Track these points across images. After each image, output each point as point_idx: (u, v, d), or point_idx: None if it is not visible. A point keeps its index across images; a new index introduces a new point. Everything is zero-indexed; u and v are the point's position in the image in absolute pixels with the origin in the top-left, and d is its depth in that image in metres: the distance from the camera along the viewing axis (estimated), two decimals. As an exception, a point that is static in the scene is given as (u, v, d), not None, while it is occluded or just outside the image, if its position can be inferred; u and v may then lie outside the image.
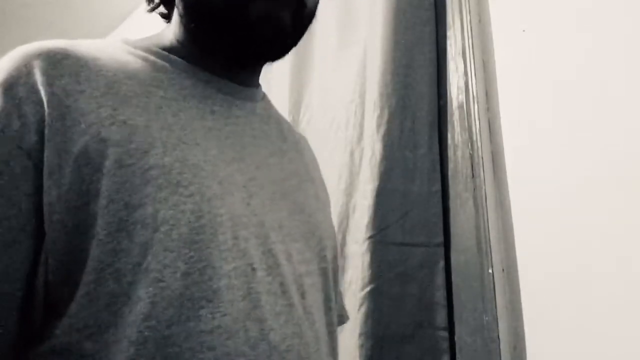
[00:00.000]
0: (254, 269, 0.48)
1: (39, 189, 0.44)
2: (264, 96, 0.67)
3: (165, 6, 0.63)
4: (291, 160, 0.63)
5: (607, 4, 0.83)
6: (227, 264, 0.46)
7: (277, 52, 0.59)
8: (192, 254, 0.45)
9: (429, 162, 1.01)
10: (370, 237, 1.01)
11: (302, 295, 0.53)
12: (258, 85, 0.65)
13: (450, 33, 1.04)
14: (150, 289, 0.43)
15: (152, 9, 0.64)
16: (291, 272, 0.52)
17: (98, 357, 0.42)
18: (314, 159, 0.73)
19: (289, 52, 0.60)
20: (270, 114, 0.65)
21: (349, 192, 1.12)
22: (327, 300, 0.58)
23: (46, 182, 0.44)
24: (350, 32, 1.25)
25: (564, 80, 0.86)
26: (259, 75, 0.65)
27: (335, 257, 0.63)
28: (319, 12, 0.64)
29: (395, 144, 1.04)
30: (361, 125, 1.13)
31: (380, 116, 1.06)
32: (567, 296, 0.79)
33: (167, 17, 0.63)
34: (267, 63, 0.63)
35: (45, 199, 0.44)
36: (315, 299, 0.55)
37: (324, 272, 0.59)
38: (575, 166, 0.81)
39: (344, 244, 1.10)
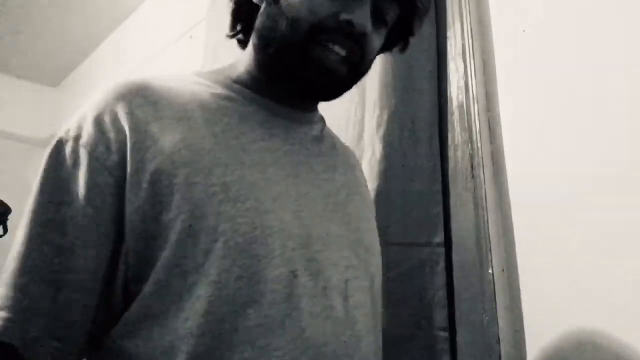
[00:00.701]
0: (296, 275, 0.54)
1: (120, 201, 0.53)
2: (321, 118, 0.73)
3: (245, 36, 0.68)
4: (342, 175, 0.68)
5: (607, 4, 0.83)
6: (273, 270, 0.53)
7: (328, 96, 0.67)
8: (245, 261, 0.52)
9: (429, 162, 1.01)
10: (370, 237, 1.01)
11: (345, 299, 0.58)
12: (315, 109, 0.72)
13: (450, 33, 1.04)
14: (210, 289, 0.51)
15: (233, 36, 0.69)
16: (336, 277, 0.57)
17: (161, 341, 0.50)
18: (361, 172, 0.79)
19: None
20: (325, 134, 0.71)
21: (349, 192, 1.12)
22: (373, 304, 0.63)
23: (127, 196, 0.53)
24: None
25: (564, 80, 0.86)
26: (317, 102, 0.71)
27: (380, 265, 0.68)
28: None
29: (395, 143, 1.04)
30: (361, 125, 1.13)
31: (380, 116, 1.06)
32: (567, 296, 0.79)
33: (243, 43, 0.69)
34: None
35: (127, 210, 0.53)
36: (360, 302, 0.60)
37: (370, 279, 0.63)
38: (575, 166, 0.81)
39: (344, 244, 1.10)
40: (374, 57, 0.66)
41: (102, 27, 2.55)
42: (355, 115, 1.16)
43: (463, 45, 1.00)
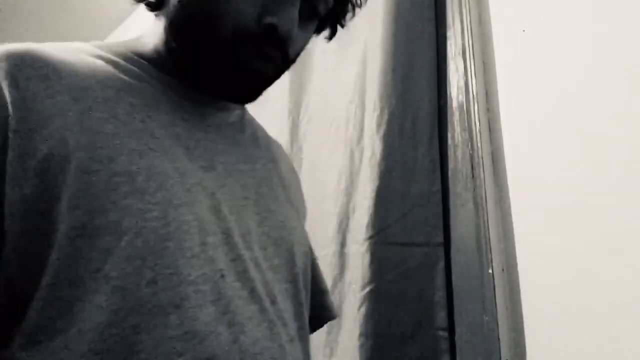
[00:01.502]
0: (222, 275, 0.48)
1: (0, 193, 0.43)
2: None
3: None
4: (263, 166, 0.63)
5: (607, 4, 0.83)
6: (194, 270, 0.46)
7: (250, 98, 0.61)
8: (158, 261, 0.45)
9: (429, 162, 1.01)
10: (370, 237, 1.01)
11: (273, 301, 0.53)
12: None
13: (450, 33, 1.04)
14: (112, 296, 0.43)
15: (139, 1, 0.60)
16: (260, 278, 0.53)
17: (59, 358, 0.41)
18: (289, 165, 0.73)
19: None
20: (244, 122, 0.65)
21: (349, 192, 1.12)
22: (298, 305, 0.59)
23: (8, 185, 0.43)
24: (351, 32, 1.25)
25: (564, 80, 0.86)
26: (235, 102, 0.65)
27: (306, 263, 0.64)
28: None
29: (395, 144, 1.04)
30: (361, 125, 1.13)
31: (380, 116, 1.06)
32: (567, 296, 0.79)
33: (154, 7, 0.60)
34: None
35: (6, 202, 0.43)
36: (285, 304, 0.56)
37: (294, 279, 0.59)
38: (575, 166, 0.81)
39: (344, 244, 1.10)
40: (300, 54, 0.61)
41: (102, 27, 2.55)
42: (355, 116, 1.16)
43: (463, 45, 1.00)
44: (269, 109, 1.32)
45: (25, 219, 0.43)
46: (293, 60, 0.60)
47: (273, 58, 0.56)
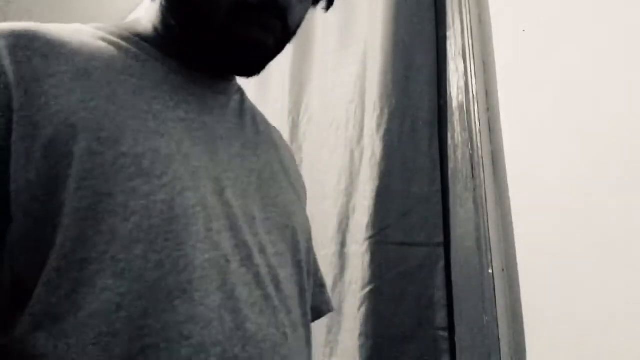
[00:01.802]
0: (227, 261, 0.48)
1: (5, 175, 0.43)
2: (239, 89, 0.67)
3: None
4: (265, 152, 0.62)
5: (607, 4, 0.83)
6: (200, 254, 0.46)
7: (254, 71, 0.59)
8: (164, 244, 0.44)
9: (429, 162, 1.01)
10: (370, 237, 1.01)
11: (277, 287, 0.53)
12: (233, 78, 0.65)
13: (450, 33, 1.04)
14: (119, 279, 0.42)
15: None
16: (265, 264, 0.52)
17: (53, 347, 0.41)
18: (289, 151, 0.73)
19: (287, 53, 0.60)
20: (244, 107, 0.65)
21: (349, 192, 1.12)
22: (301, 291, 0.59)
23: (13, 168, 0.43)
24: (351, 32, 1.26)
25: (564, 80, 0.86)
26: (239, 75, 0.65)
27: (309, 249, 0.64)
28: (319, 12, 0.64)
29: (395, 144, 1.04)
30: (361, 125, 1.13)
31: (380, 116, 1.06)
32: (567, 296, 0.79)
33: None
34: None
35: (12, 186, 0.43)
36: (290, 290, 0.56)
37: (298, 264, 0.59)
38: (575, 166, 0.81)
39: (344, 244, 1.10)
40: (300, 25, 0.60)
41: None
42: (355, 116, 1.16)
43: (463, 45, 1.00)
44: (269, 109, 1.32)
45: (32, 202, 0.43)
46: (294, 32, 0.59)
47: (273, 28, 0.55)
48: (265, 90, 1.44)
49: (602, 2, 0.84)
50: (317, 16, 0.62)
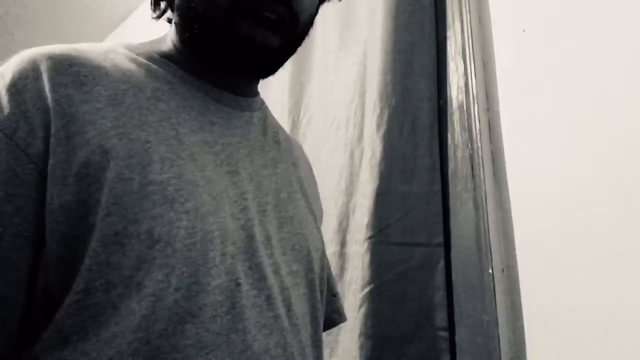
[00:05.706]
0: (238, 284, 0.49)
1: (43, 198, 0.45)
2: (262, 104, 0.68)
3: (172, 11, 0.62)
4: (285, 170, 0.64)
5: (607, 4, 0.83)
6: (213, 280, 0.48)
7: (264, 71, 0.60)
8: (184, 269, 0.46)
9: (429, 162, 1.01)
10: (370, 237, 1.01)
11: (289, 307, 0.54)
12: (256, 94, 0.66)
13: (450, 33, 1.04)
14: (144, 302, 0.44)
15: (159, 16, 0.64)
16: (278, 284, 0.54)
17: None
18: (309, 169, 0.74)
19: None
20: (267, 123, 0.66)
21: (349, 192, 1.12)
22: (313, 310, 0.60)
23: (49, 191, 0.45)
24: (351, 33, 1.26)
25: (564, 80, 0.86)
26: (257, 84, 0.66)
27: (323, 267, 0.65)
28: (319, 12, 0.64)
29: (395, 144, 1.04)
30: (361, 125, 1.13)
31: (380, 116, 1.06)
32: (567, 296, 0.79)
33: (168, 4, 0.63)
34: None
35: (48, 208, 0.44)
36: (301, 310, 0.57)
37: (311, 284, 0.60)
38: (575, 166, 0.81)
39: (344, 244, 1.10)
40: (312, 15, 0.59)
41: (102, 27, 2.55)
42: (355, 116, 1.16)
43: (463, 45, 1.00)
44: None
45: (65, 225, 0.44)
46: (304, 24, 0.58)
47: (280, 21, 0.54)
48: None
49: (602, 2, 0.84)
50: (317, 16, 0.62)
